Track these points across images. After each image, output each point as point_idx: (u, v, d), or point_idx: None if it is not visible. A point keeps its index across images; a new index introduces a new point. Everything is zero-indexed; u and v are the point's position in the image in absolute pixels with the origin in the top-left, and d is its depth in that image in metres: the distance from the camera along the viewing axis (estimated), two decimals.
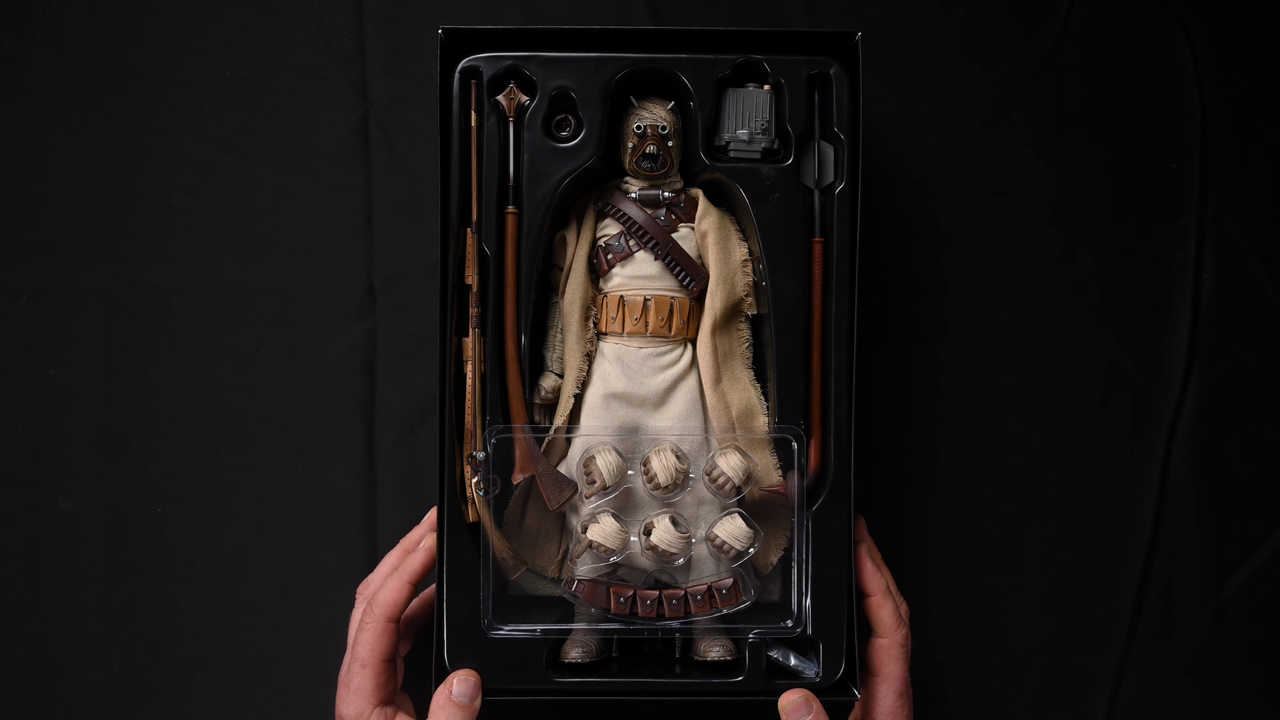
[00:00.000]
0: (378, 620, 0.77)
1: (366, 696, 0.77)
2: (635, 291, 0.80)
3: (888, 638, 0.79)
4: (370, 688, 0.77)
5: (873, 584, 0.79)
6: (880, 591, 0.79)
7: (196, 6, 0.92)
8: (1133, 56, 0.93)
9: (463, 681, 0.77)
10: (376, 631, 0.77)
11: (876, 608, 0.79)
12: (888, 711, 0.79)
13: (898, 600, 0.80)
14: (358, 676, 0.77)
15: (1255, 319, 0.93)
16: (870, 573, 0.80)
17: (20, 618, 0.91)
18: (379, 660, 0.77)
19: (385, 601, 0.78)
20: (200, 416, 0.91)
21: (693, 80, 0.79)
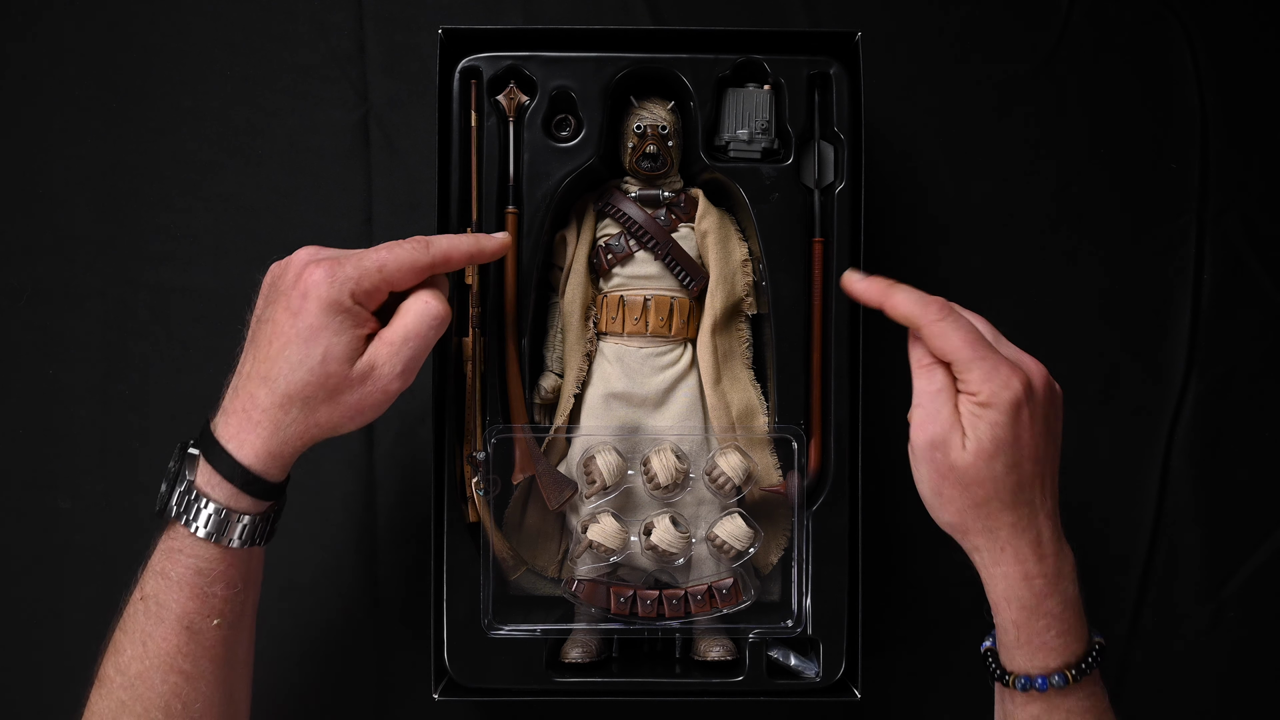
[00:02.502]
0: (428, 256, 0.69)
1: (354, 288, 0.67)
2: (635, 291, 0.80)
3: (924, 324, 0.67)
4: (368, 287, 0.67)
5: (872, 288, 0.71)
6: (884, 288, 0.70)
7: (196, 6, 0.92)
8: (1133, 56, 0.93)
9: None
10: (416, 262, 0.68)
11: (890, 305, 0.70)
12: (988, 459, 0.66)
13: None
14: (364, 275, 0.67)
15: (1255, 319, 0.93)
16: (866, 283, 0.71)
17: (20, 618, 0.91)
18: (385, 285, 0.68)
19: (444, 245, 0.70)
20: (200, 416, 0.91)
21: (693, 80, 0.79)
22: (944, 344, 0.67)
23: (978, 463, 0.65)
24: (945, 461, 0.66)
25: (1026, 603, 0.66)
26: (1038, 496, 0.67)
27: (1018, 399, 0.66)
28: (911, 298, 0.69)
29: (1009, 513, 0.66)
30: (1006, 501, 0.66)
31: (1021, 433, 0.66)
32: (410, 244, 0.69)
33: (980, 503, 0.66)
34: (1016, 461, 0.66)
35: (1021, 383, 0.66)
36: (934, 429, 0.67)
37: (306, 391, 0.66)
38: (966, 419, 0.66)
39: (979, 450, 0.65)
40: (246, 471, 0.67)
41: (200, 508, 0.67)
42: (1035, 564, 0.66)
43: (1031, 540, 0.67)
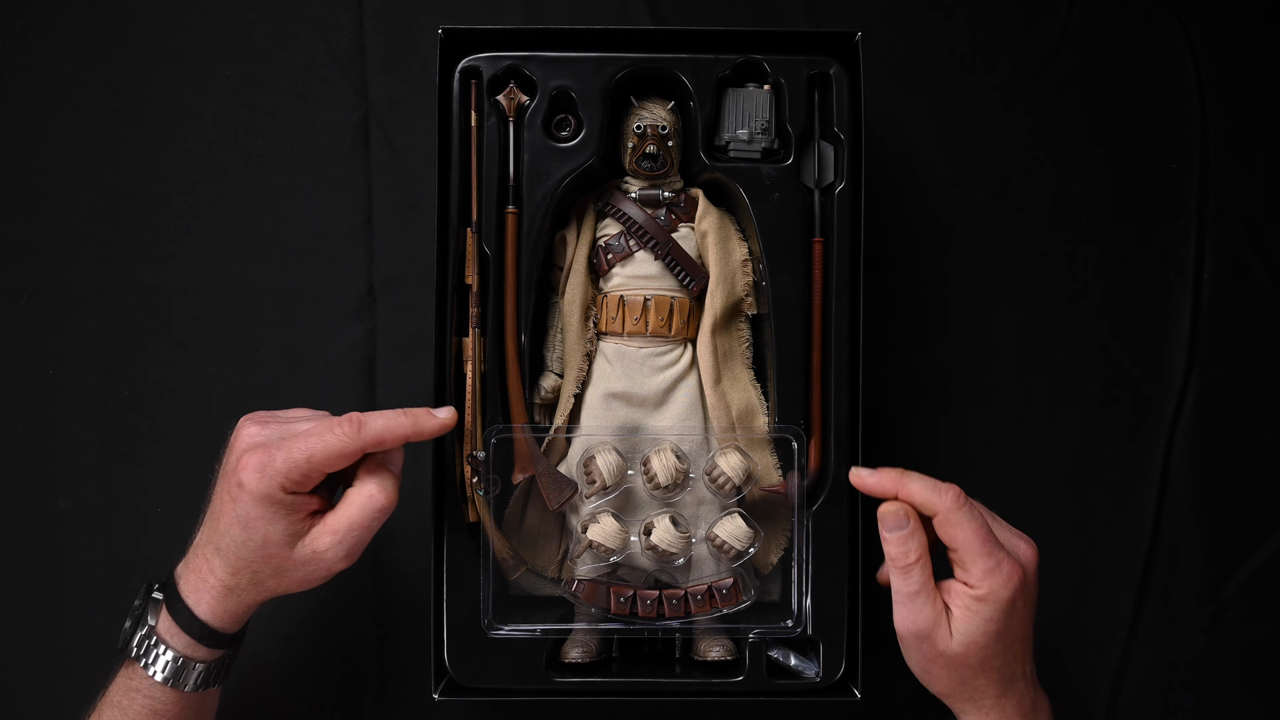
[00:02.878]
0: (359, 441, 0.68)
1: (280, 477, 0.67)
2: (635, 291, 0.80)
3: (939, 511, 0.70)
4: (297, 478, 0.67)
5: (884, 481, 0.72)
6: (895, 478, 0.72)
7: (196, 6, 0.92)
8: (1133, 56, 0.93)
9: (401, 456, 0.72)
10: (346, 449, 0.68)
11: (905, 496, 0.71)
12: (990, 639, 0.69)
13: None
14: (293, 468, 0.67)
15: (1255, 319, 0.93)
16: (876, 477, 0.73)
17: (20, 618, 0.91)
18: (317, 470, 0.68)
19: (378, 428, 0.69)
20: (200, 416, 0.91)
21: (693, 80, 0.79)
22: (956, 534, 0.70)
23: (968, 653, 0.69)
24: (933, 650, 0.70)
25: None
26: (1019, 667, 0.71)
27: (1014, 596, 0.69)
28: (926, 486, 0.71)
29: (995, 686, 0.70)
30: (993, 679, 0.70)
31: (1013, 622, 0.69)
32: (342, 428, 0.69)
33: (967, 680, 0.70)
34: (1006, 647, 0.70)
35: (1019, 579, 0.69)
36: (919, 624, 0.70)
37: (252, 567, 0.70)
38: (958, 610, 0.69)
39: (970, 643, 0.69)
40: (203, 625, 0.71)
41: (159, 653, 0.71)
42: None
43: (1014, 704, 0.71)
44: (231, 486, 0.69)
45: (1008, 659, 0.70)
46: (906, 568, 0.70)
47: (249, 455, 0.68)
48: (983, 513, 0.72)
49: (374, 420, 0.70)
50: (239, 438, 0.71)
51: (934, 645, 0.70)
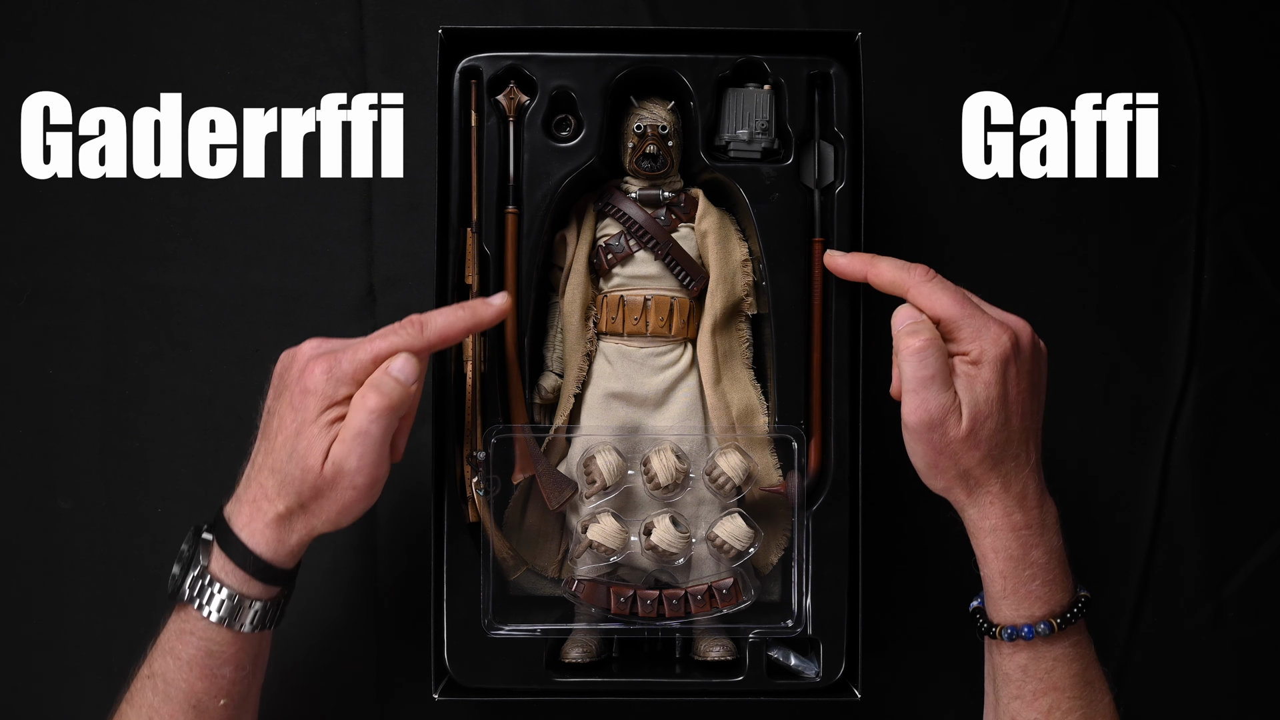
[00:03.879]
0: (424, 339, 0.69)
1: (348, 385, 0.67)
2: (635, 291, 0.80)
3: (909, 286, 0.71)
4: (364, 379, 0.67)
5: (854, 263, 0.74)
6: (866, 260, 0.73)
7: (196, 6, 0.92)
8: (1133, 56, 0.93)
9: (406, 360, 0.69)
10: (412, 343, 0.68)
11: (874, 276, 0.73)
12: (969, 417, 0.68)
13: None
14: (359, 369, 0.68)
15: (1255, 319, 0.93)
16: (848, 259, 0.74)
17: (20, 618, 0.91)
18: (381, 363, 0.68)
19: (440, 325, 0.70)
20: (200, 416, 0.91)
21: (693, 80, 0.79)
22: (933, 303, 0.70)
23: (972, 431, 0.68)
24: (942, 440, 0.69)
25: (1013, 553, 0.69)
26: (1024, 451, 0.70)
27: (1006, 354, 0.68)
28: (895, 264, 0.72)
29: (997, 470, 0.69)
30: (995, 459, 0.69)
31: (1009, 388, 0.68)
32: (406, 330, 0.69)
33: (972, 467, 0.69)
34: (1005, 419, 0.68)
35: (1010, 338, 0.68)
36: (932, 411, 0.68)
37: (301, 488, 0.68)
38: (961, 382, 0.69)
39: (974, 416, 0.68)
40: (259, 559, 0.69)
41: (214, 592, 0.69)
42: (1021, 515, 0.69)
43: (1018, 493, 0.69)
44: (295, 396, 0.68)
45: (1009, 436, 0.69)
46: (919, 350, 0.69)
47: (315, 362, 0.68)
48: (959, 288, 0.72)
49: (434, 318, 0.70)
50: (300, 352, 0.70)
51: (944, 434, 0.68)
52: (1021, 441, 0.70)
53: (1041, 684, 0.70)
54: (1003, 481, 0.69)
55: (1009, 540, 0.69)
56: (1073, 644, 0.70)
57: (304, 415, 0.68)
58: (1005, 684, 0.71)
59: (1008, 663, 0.70)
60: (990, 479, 0.69)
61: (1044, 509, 0.70)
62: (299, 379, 0.69)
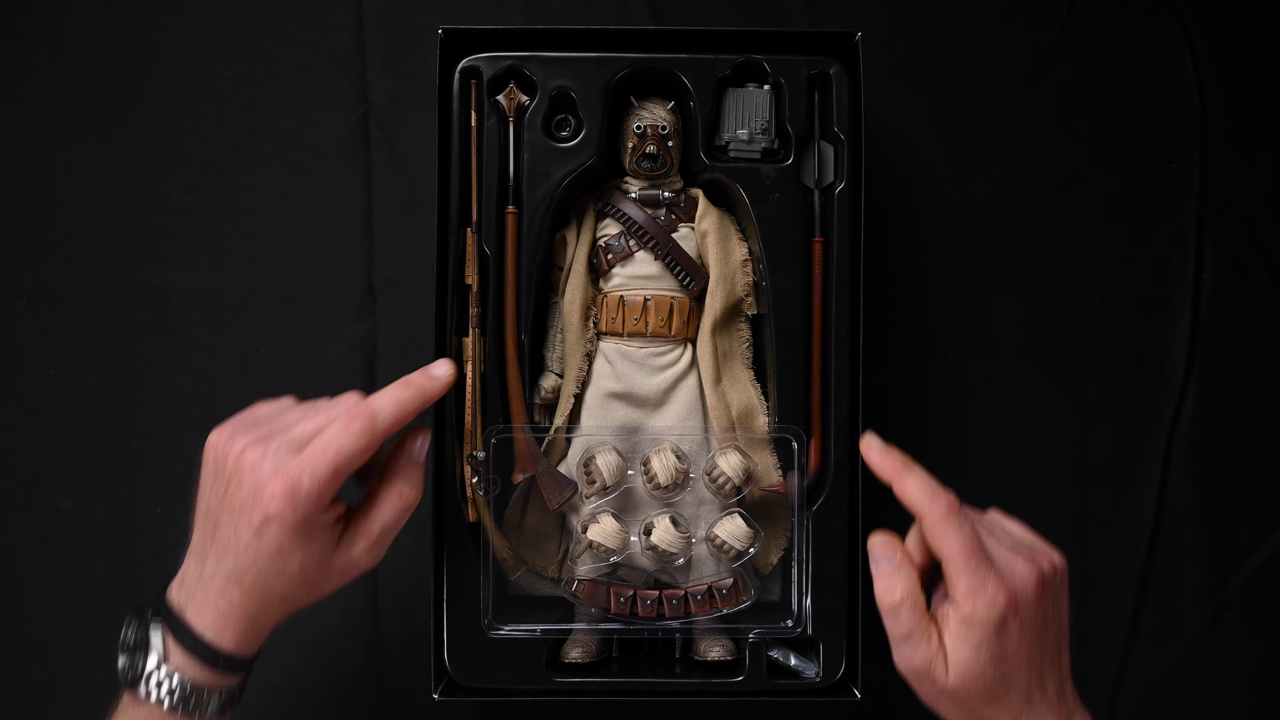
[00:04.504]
0: (377, 432, 0.65)
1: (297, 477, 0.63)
2: (635, 291, 0.80)
3: (926, 518, 0.66)
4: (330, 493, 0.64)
5: (886, 465, 0.68)
6: (898, 467, 0.68)
7: (196, 6, 0.92)
8: (1133, 56, 0.93)
9: (425, 440, 0.69)
10: (367, 445, 0.64)
11: (899, 488, 0.67)
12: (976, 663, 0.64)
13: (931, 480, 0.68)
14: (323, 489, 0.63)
15: (1255, 319, 0.93)
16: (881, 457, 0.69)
17: (20, 618, 0.91)
18: (349, 470, 0.65)
19: (390, 413, 0.66)
20: (200, 416, 0.91)
21: (693, 80, 0.79)
22: (941, 545, 0.65)
23: (965, 684, 0.65)
24: (933, 688, 0.66)
25: None
26: (1036, 692, 0.66)
27: (1002, 617, 0.64)
28: (923, 486, 0.67)
29: (1004, 713, 0.65)
30: (1001, 706, 0.65)
31: (1009, 645, 0.64)
32: (356, 425, 0.64)
33: (975, 710, 0.66)
34: (1008, 673, 0.65)
35: (1007, 598, 0.64)
36: (914, 663, 0.66)
37: (285, 592, 0.66)
38: (949, 636, 0.65)
39: (965, 673, 0.64)
40: (226, 656, 0.66)
41: (169, 684, 0.64)
42: None
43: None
44: (253, 520, 0.63)
45: (1015, 684, 0.65)
46: (893, 607, 0.66)
47: (271, 483, 0.63)
48: (994, 524, 0.68)
49: (382, 407, 0.66)
50: (243, 462, 0.64)
51: (933, 682, 0.66)
52: (1031, 685, 0.65)
53: None
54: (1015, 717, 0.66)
55: None
56: None
57: (273, 542, 0.63)
58: None
59: None
60: (1001, 717, 0.66)
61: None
62: (254, 502, 0.63)
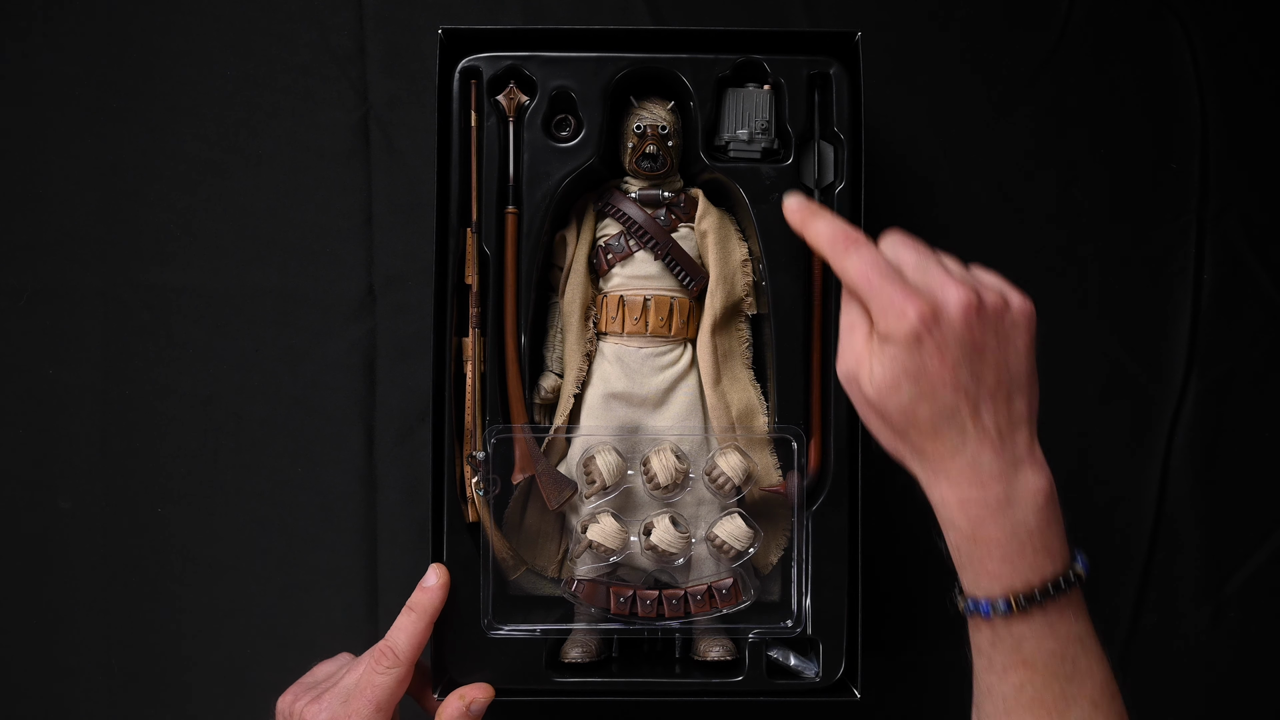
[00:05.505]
0: (403, 664, 0.75)
1: None
2: (635, 291, 0.80)
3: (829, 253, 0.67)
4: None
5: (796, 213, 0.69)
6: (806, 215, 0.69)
7: (196, 6, 0.93)
8: (1133, 56, 0.93)
9: (484, 691, 0.77)
10: (399, 676, 0.75)
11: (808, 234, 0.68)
12: None
13: None
14: None
15: (1255, 319, 0.93)
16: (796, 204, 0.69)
17: (20, 618, 0.91)
18: (391, 704, 0.75)
19: (407, 645, 0.75)
20: (200, 416, 0.91)
21: (693, 80, 0.79)
22: (845, 279, 0.66)
23: (882, 396, 0.65)
24: (860, 394, 0.67)
25: (963, 529, 0.66)
26: (970, 423, 0.65)
27: (914, 331, 0.63)
28: (829, 228, 0.67)
29: (933, 442, 0.65)
30: (926, 431, 0.65)
31: (927, 363, 0.64)
32: (383, 665, 0.74)
33: (900, 432, 0.66)
34: (928, 392, 0.64)
35: (918, 313, 0.63)
36: (848, 362, 0.67)
37: None
38: (874, 352, 0.65)
39: (880, 385, 0.65)
40: None
41: None
42: (972, 490, 0.65)
43: (964, 467, 0.65)
44: None
45: (939, 409, 0.64)
46: (847, 299, 0.67)
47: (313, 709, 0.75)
48: (901, 253, 0.67)
49: (398, 640, 0.75)
50: (305, 718, 0.75)
51: (860, 388, 0.66)
52: (962, 414, 0.64)
53: (1010, 659, 0.66)
54: (942, 454, 0.65)
55: (957, 515, 0.65)
56: (1047, 622, 0.65)
57: None
58: (977, 655, 0.68)
59: (977, 635, 0.67)
60: (928, 449, 0.65)
61: (1010, 485, 0.65)
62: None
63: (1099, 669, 0.68)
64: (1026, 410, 0.67)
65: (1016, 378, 0.66)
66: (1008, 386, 0.66)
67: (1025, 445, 0.66)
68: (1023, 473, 0.66)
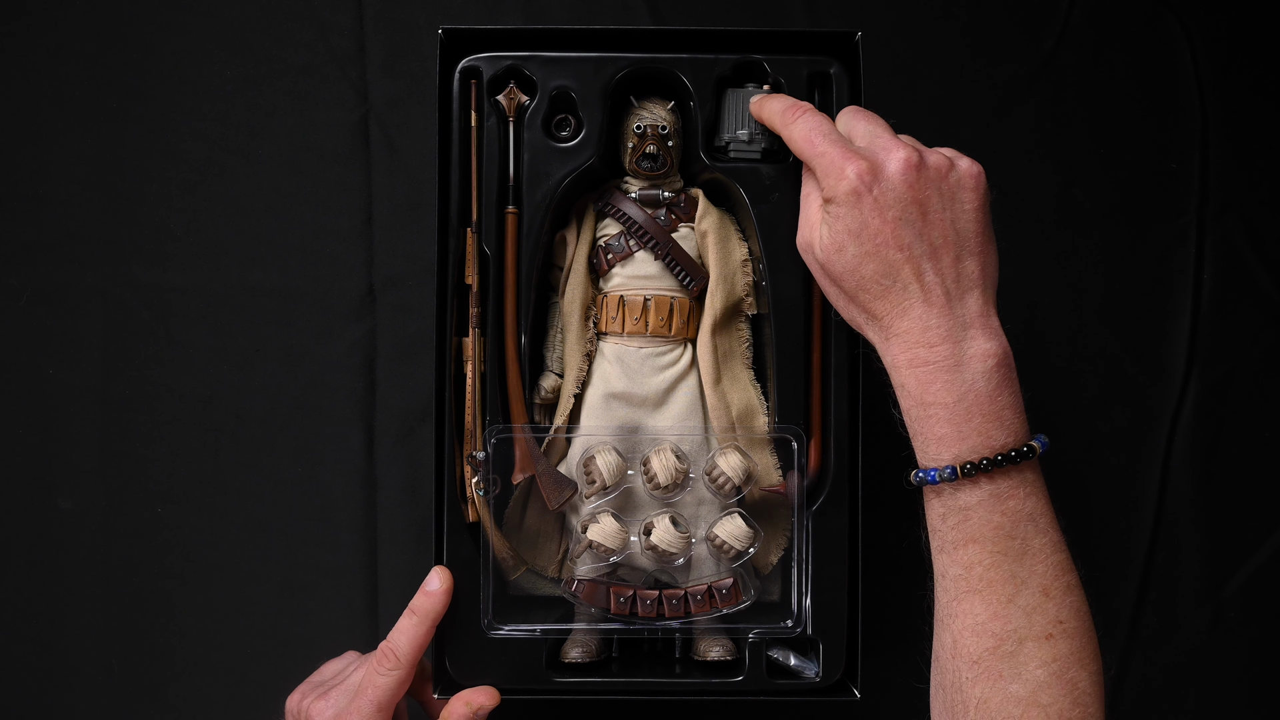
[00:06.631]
0: (404, 666, 0.75)
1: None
2: (635, 291, 0.80)
3: (778, 123, 0.72)
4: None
5: (754, 102, 0.75)
6: (760, 99, 0.75)
7: (196, 6, 0.93)
8: (1133, 56, 0.93)
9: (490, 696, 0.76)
10: (400, 678, 0.75)
11: (758, 112, 0.74)
12: None
13: None
14: None
15: (1255, 319, 0.93)
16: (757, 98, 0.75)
17: (20, 618, 0.91)
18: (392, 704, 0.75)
19: (409, 648, 0.75)
20: (200, 416, 0.91)
21: (693, 80, 0.79)
22: (793, 145, 0.70)
23: (829, 257, 0.67)
24: (814, 260, 0.70)
25: (912, 391, 0.66)
26: (915, 284, 0.65)
27: (854, 189, 0.65)
28: (779, 103, 0.72)
29: (881, 301, 0.66)
30: (874, 291, 0.66)
31: (869, 220, 0.65)
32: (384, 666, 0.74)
33: (851, 294, 0.68)
34: (872, 250, 0.65)
35: (857, 171, 0.65)
36: (803, 232, 0.71)
37: None
38: (823, 218, 0.68)
39: (829, 245, 0.67)
40: None
41: None
42: (920, 350, 0.65)
43: (913, 327, 0.65)
44: None
45: (885, 268, 0.65)
46: (804, 173, 0.72)
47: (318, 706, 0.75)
48: (848, 121, 0.70)
49: (400, 643, 0.75)
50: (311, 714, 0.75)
51: (814, 254, 0.69)
52: (907, 273, 0.65)
53: (960, 535, 0.65)
54: (890, 314, 0.66)
55: (905, 378, 0.66)
56: (995, 493, 0.64)
57: None
58: (932, 535, 0.67)
59: (929, 511, 0.67)
60: (877, 310, 0.66)
61: (958, 346, 0.65)
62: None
63: (1054, 553, 0.66)
64: (980, 274, 0.67)
65: (965, 239, 0.67)
66: (955, 247, 0.66)
67: (978, 309, 0.66)
68: (972, 335, 0.66)
